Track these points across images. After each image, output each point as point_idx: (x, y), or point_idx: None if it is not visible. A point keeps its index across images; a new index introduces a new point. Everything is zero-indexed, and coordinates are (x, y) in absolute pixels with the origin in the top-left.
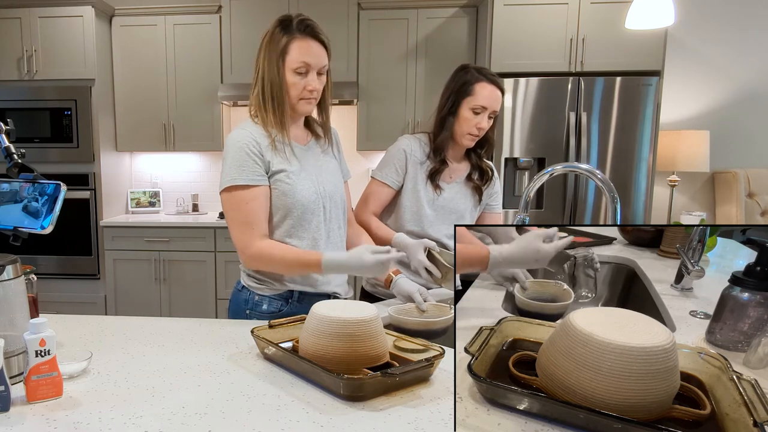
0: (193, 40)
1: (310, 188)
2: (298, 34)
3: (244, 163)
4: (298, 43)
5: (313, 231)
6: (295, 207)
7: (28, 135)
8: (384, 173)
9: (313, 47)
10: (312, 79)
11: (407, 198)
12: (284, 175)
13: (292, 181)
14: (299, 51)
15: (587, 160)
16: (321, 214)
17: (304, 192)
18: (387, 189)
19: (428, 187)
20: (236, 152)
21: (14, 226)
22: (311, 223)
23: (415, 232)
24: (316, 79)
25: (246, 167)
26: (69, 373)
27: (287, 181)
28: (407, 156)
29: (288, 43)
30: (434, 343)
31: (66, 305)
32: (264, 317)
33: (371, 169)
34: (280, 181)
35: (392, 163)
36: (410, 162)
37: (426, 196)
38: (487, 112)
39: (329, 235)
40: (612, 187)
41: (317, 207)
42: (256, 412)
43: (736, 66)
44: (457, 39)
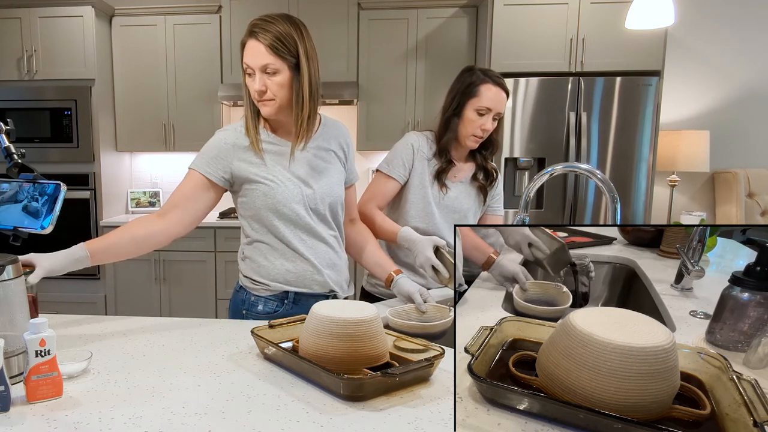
0: (193, 40)
1: (293, 190)
2: (246, 35)
3: (206, 153)
4: (246, 44)
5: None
6: (277, 206)
7: (28, 135)
8: (391, 167)
9: (252, 47)
10: (256, 81)
11: (414, 194)
12: (265, 177)
13: (273, 183)
14: (245, 53)
15: (587, 160)
16: (305, 214)
17: (286, 193)
18: (393, 183)
19: (434, 186)
20: (209, 143)
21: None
22: (293, 232)
23: (421, 228)
24: (262, 78)
25: (204, 156)
26: (69, 373)
27: (267, 182)
28: (414, 151)
29: (242, 46)
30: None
31: (66, 305)
32: (260, 318)
33: (371, 169)
34: (260, 182)
35: (399, 157)
36: (417, 157)
37: (432, 194)
38: (491, 114)
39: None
40: (612, 187)
41: (299, 207)
42: (256, 412)
43: (736, 66)
44: (457, 39)
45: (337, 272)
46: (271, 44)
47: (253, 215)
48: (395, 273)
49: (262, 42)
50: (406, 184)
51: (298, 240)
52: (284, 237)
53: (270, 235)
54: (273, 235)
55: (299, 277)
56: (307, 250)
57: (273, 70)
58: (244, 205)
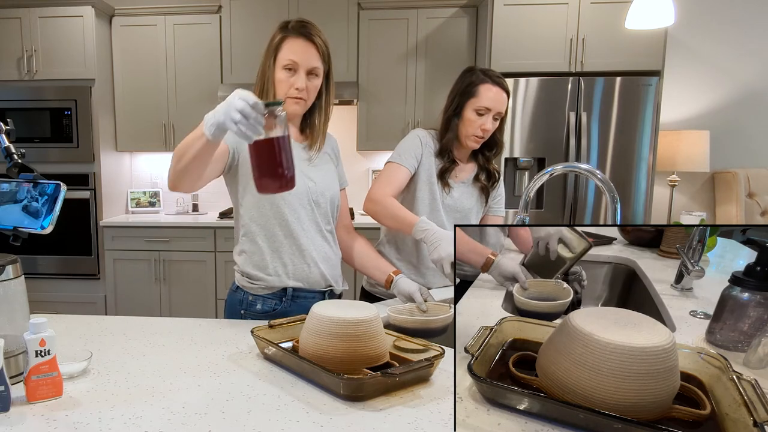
0: (193, 40)
1: (298, 181)
2: (292, 33)
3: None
4: (290, 41)
5: (296, 221)
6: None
7: (28, 135)
8: (402, 158)
9: (303, 46)
10: (299, 78)
11: (422, 190)
12: None
13: None
14: (289, 48)
15: (587, 160)
16: (303, 213)
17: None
18: (405, 171)
19: (438, 185)
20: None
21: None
22: (297, 220)
23: None
24: (305, 78)
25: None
26: (69, 373)
27: None
28: (423, 144)
29: (281, 41)
30: (434, 342)
31: (66, 305)
32: (259, 317)
33: (371, 169)
34: None
35: (409, 149)
36: (425, 151)
37: (438, 192)
38: (491, 114)
39: (314, 230)
40: (612, 187)
41: (300, 204)
42: (256, 412)
43: (736, 66)
44: (457, 39)
45: (331, 267)
46: (321, 49)
47: (255, 203)
48: (394, 274)
49: (315, 44)
50: (414, 179)
51: (300, 231)
52: (286, 226)
53: (269, 226)
54: (273, 225)
55: (296, 268)
56: (306, 241)
57: (316, 74)
58: (246, 192)
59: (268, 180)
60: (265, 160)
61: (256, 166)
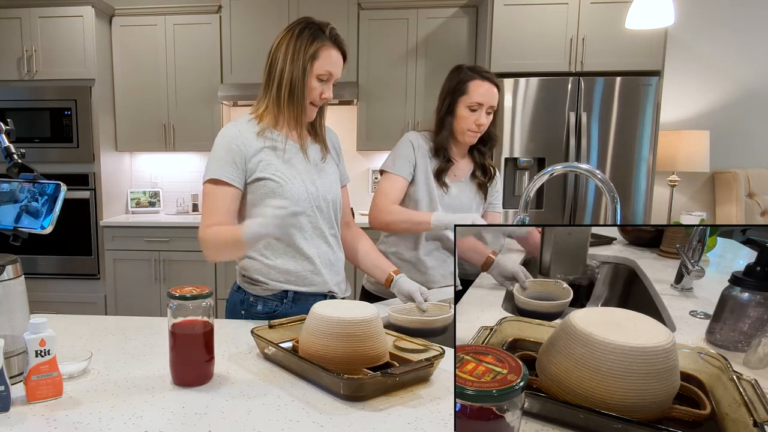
0: (193, 40)
1: (300, 188)
2: (329, 42)
3: (226, 159)
4: (327, 51)
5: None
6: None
7: (28, 135)
8: (397, 166)
9: (338, 58)
10: (328, 88)
11: (421, 192)
12: (273, 173)
13: (282, 180)
14: (328, 59)
15: (587, 160)
16: (309, 214)
17: (293, 191)
18: (401, 180)
19: (436, 185)
20: (220, 148)
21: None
22: (300, 229)
23: None
24: (331, 88)
25: (225, 164)
26: (69, 373)
27: (276, 179)
28: (414, 147)
29: (319, 49)
30: (434, 342)
31: (66, 305)
32: (259, 318)
33: (371, 169)
34: (268, 179)
35: (403, 155)
36: (418, 154)
37: (436, 192)
38: (483, 108)
39: (317, 235)
40: (612, 187)
41: (306, 207)
42: (256, 412)
43: (736, 66)
44: (457, 39)
45: (335, 272)
46: (345, 58)
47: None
48: (394, 273)
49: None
50: (412, 182)
51: (301, 237)
52: (288, 236)
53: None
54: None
55: (299, 276)
56: (309, 248)
57: (335, 81)
58: (248, 202)
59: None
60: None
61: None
